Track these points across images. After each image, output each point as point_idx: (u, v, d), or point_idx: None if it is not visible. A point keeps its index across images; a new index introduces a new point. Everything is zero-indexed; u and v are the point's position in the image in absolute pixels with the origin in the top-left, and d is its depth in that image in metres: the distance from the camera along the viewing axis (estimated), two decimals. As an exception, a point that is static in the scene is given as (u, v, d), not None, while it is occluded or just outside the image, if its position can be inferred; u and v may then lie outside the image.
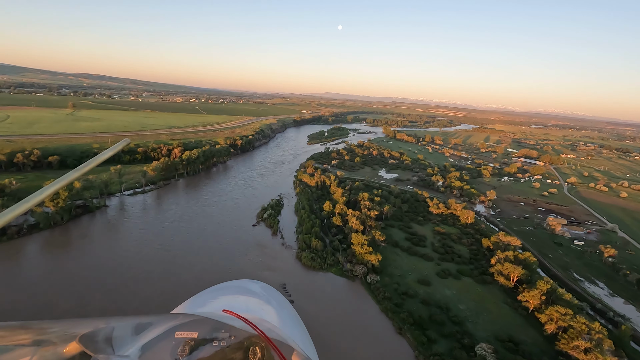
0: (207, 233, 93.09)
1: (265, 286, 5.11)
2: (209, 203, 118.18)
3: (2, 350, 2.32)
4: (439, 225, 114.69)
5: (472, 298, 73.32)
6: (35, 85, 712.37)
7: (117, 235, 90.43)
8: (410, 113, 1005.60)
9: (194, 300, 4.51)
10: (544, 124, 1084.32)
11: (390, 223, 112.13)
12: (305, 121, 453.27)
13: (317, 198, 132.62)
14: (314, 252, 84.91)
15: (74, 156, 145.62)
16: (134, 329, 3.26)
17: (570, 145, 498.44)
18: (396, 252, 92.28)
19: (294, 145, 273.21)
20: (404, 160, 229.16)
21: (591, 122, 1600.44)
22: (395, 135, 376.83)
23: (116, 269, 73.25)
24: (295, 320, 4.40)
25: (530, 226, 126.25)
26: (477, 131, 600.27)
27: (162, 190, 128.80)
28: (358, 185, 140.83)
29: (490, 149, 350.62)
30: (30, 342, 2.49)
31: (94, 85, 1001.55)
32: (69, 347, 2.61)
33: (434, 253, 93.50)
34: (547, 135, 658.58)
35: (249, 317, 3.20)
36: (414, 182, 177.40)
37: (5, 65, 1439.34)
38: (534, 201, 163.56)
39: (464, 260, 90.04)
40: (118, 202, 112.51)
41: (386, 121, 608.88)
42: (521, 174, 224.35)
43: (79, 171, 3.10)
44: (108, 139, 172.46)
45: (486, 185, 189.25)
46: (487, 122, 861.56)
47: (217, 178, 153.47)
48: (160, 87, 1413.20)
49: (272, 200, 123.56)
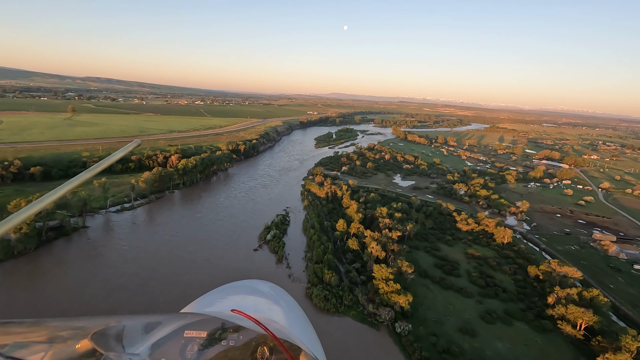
0: (199, 262, 78.15)
1: (274, 286, 4.94)
2: (204, 222, 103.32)
3: (17, 347, 2.43)
4: (471, 247, 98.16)
5: (534, 355, 56.93)
6: (42, 89, 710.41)
7: (93, 264, 76.16)
8: (418, 113, 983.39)
9: (203, 299, 4.40)
10: (555, 122, 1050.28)
11: (415, 244, 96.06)
12: (311, 122, 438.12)
13: (328, 212, 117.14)
14: (327, 288, 69.41)
15: (60, 166, 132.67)
16: (144, 327, 3.25)
17: (589, 145, 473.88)
18: (426, 284, 76.23)
19: (300, 149, 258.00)
20: (420, 164, 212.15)
21: (603, 120, 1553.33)
22: (406, 136, 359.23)
23: (87, 303, 59.36)
24: (303, 322, 4.30)
25: (575, 244, 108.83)
26: (489, 131, 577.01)
27: (154, 205, 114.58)
28: (374, 197, 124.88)
29: (507, 150, 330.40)
30: (43, 339, 2.61)
31: (101, 89, 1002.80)
32: (80, 345, 2.66)
33: (472, 285, 77.18)
34: (562, 134, 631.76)
35: (257, 317, 3.17)
36: (433, 191, 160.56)
37: (15, 70, 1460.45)
38: (571, 212, 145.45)
39: (511, 296, 73.44)
40: (102, 221, 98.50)
41: (395, 121, 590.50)
42: (548, 178, 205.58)
43: (90, 172, 3.09)
44: (99, 147, 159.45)
45: (512, 192, 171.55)
46: (497, 121, 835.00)
47: (216, 189, 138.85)
48: (167, 89, 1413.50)
49: (277, 216, 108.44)
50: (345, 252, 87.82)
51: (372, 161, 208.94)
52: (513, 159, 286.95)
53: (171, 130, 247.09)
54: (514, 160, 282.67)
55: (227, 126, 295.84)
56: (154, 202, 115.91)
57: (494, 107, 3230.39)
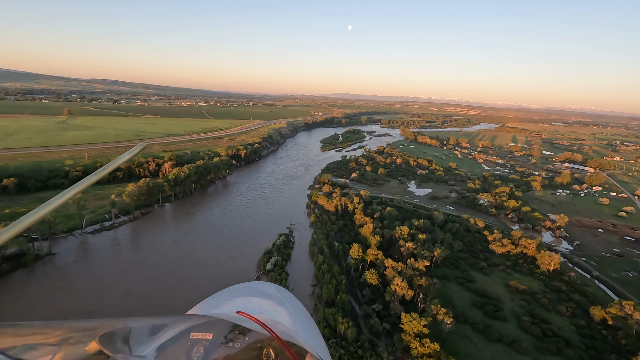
0: (180, 305, 63.19)
1: (280, 288, 4.90)
2: (193, 246, 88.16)
3: (27, 349, 2.43)
4: (511, 276, 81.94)
5: None
6: (45, 92, 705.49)
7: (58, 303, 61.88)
8: (424, 112, 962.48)
9: (209, 301, 4.38)
10: (564, 121, 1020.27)
11: (443, 272, 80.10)
12: (317, 124, 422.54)
13: (339, 230, 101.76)
14: (341, 344, 53.95)
15: (39, 176, 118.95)
16: (150, 329, 3.27)
17: (607, 145, 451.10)
18: (467, 333, 60.36)
19: (305, 153, 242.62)
20: (435, 169, 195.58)
21: (613, 118, 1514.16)
22: (416, 137, 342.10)
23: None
24: (309, 324, 4.22)
25: (633, 270, 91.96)
26: (499, 131, 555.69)
27: (139, 223, 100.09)
28: (390, 211, 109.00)
29: (524, 152, 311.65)
30: (52, 341, 2.60)
31: (105, 91, 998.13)
32: (88, 347, 2.68)
33: (524, 335, 61.11)
34: (575, 133, 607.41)
35: (262, 318, 3.16)
36: (454, 201, 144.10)
37: (22, 73, 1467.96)
38: (614, 226, 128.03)
39: (580, 354, 57.13)
40: (75, 244, 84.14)
41: (402, 122, 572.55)
42: (577, 184, 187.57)
43: (97, 176, 3.04)
44: (85, 154, 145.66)
45: (541, 202, 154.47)
46: (505, 120, 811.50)
47: (211, 202, 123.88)
48: (172, 91, 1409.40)
49: (279, 236, 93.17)
50: (361, 286, 72.26)
51: (383, 166, 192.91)
52: (532, 161, 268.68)
53: (169, 133, 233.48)
54: (533, 163, 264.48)
55: (229, 129, 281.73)
56: (139, 219, 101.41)
57: (500, 106, 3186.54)
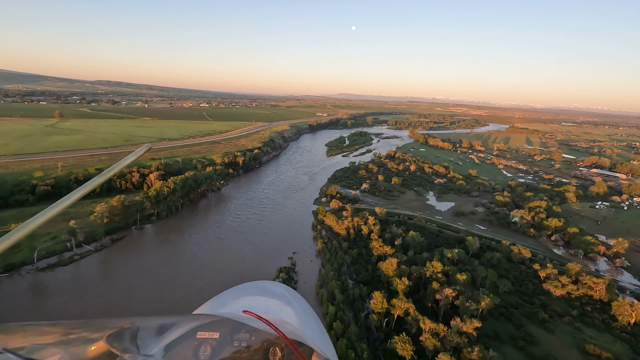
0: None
1: (286, 287, 4.91)
2: (169, 288, 69.94)
3: (35, 349, 2.48)
4: (582, 332, 62.42)
5: None
6: (47, 93, 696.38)
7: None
8: (430, 113, 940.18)
9: (215, 300, 4.44)
10: (573, 121, 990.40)
11: (492, 327, 60.86)
12: (321, 126, 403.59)
13: (352, 262, 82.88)
14: None
15: (1, 191, 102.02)
16: (157, 329, 3.31)
17: (627, 147, 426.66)
18: None
19: (310, 158, 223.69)
20: (454, 178, 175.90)
21: (622, 118, 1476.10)
22: (426, 140, 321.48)
23: None
24: (315, 323, 4.24)
25: None
26: (510, 132, 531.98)
27: (108, 253, 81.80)
28: (414, 237, 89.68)
29: (545, 155, 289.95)
30: (60, 341, 2.66)
31: (108, 92, 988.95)
32: (96, 346, 2.71)
33: None
34: (590, 134, 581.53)
35: (269, 318, 3.21)
36: (482, 218, 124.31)
37: (27, 74, 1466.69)
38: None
39: None
40: (22, 286, 66.33)
41: (409, 123, 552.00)
42: (617, 195, 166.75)
43: (96, 182, 2.99)
44: (59, 164, 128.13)
45: (581, 217, 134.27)
46: (513, 121, 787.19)
47: (200, 223, 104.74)
48: (176, 92, 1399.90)
49: (279, 272, 74.67)
50: (388, 355, 53.32)
51: (396, 174, 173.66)
52: (556, 167, 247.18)
53: (162, 137, 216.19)
54: (557, 168, 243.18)
55: (228, 132, 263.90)
56: (108, 248, 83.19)
57: (505, 105, 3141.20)
